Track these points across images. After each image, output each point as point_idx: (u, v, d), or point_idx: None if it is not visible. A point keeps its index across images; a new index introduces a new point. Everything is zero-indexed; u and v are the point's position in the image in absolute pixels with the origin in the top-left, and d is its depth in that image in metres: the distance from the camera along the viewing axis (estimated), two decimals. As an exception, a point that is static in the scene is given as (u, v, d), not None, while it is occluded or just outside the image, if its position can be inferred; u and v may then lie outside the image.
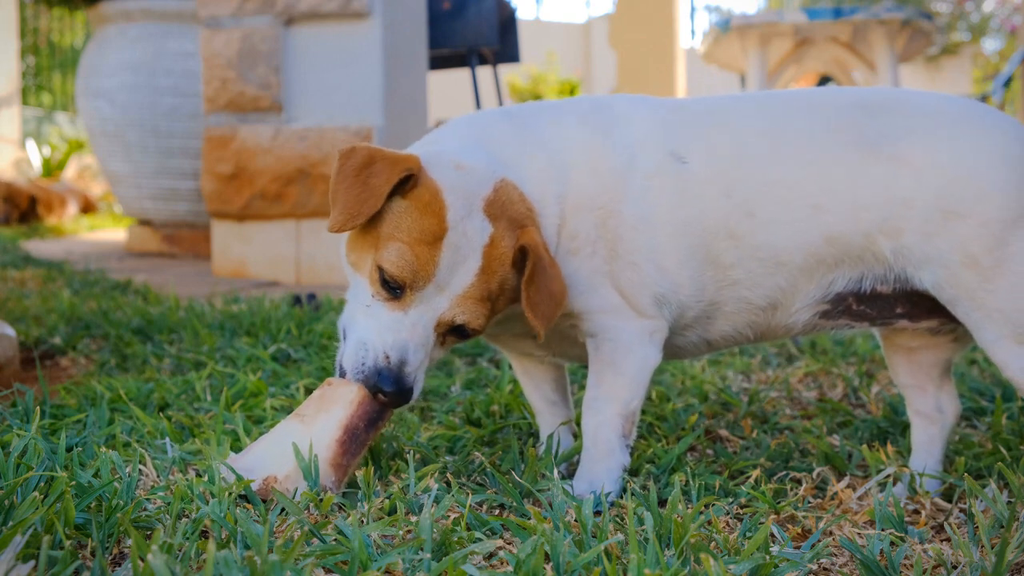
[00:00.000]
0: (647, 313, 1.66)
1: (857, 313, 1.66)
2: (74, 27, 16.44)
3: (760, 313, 1.69)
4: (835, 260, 1.61)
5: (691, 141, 1.66)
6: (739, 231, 1.62)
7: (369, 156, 1.54)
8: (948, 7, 15.53)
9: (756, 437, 2.02)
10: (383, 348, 1.52)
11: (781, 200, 1.61)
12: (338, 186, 1.53)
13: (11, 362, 2.56)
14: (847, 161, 1.58)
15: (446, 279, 1.52)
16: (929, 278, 1.56)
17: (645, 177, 1.64)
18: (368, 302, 1.55)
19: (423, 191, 1.53)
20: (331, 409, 1.54)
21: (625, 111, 1.71)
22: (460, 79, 8.87)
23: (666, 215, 1.63)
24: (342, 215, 1.50)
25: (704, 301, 1.68)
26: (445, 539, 1.29)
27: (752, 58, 7.34)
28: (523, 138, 1.67)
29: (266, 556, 1.10)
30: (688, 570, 1.23)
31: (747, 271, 1.64)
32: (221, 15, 4.94)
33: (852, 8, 7.09)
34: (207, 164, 5.01)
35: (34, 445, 1.61)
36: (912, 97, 1.65)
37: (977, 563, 1.28)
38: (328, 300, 3.59)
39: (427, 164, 1.56)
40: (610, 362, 1.67)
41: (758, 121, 1.67)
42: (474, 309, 1.54)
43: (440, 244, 1.51)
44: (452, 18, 5.96)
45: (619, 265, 1.64)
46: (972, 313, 1.54)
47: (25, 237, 7.87)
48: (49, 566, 1.17)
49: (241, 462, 1.55)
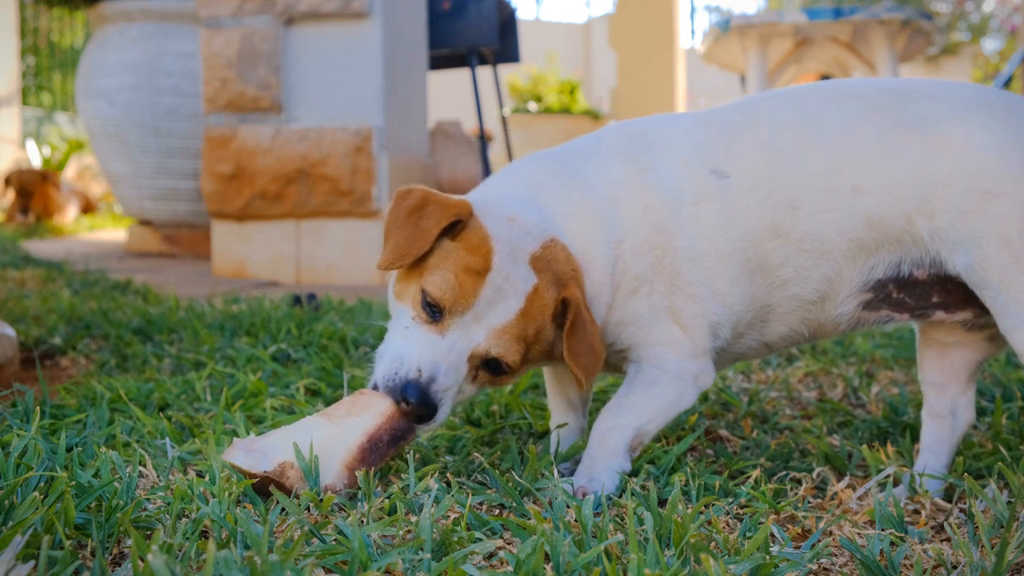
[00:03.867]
0: (702, 348, 1.70)
1: (897, 302, 1.68)
2: (74, 27, 16.44)
3: (811, 308, 1.71)
4: (876, 244, 1.64)
5: (728, 152, 1.69)
6: (784, 227, 1.65)
7: (423, 199, 1.59)
8: (948, 7, 15.52)
9: (756, 437, 2.02)
10: (417, 363, 1.55)
11: (822, 188, 1.64)
12: (391, 225, 1.59)
13: (11, 362, 2.56)
14: (885, 143, 1.61)
15: (484, 311, 1.56)
16: (962, 260, 1.58)
17: (693, 204, 1.68)
18: (407, 324, 1.59)
19: (472, 235, 1.58)
20: (360, 415, 1.56)
21: (660, 137, 1.74)
22: (460, 79, 8.87)
23: (717, 237, 1.67)
24: (392, 254, 1.56)
25: (757, 306, 1.71)
26: (445, 539, 1.29)
27: (752, 58, 7.33)
28: (571, 189, 1.71)
29: (266, 556, 1.10)
30: (688, 570, 1.23)
31: (795, 267, 1.67)
32: (221, 15, 4.94)
33: (852, 8, 7.08)
34: (207, 164, 5.01)
35: (34, 445, 1.61)
36: (944, 85, 1.69)
37: (977, 563, 1.28)
38: (328, 300, 3.59)
39: (480, 212, 1.61)
40: (649, 383, 1.70)
41: (789, 115, 1.70)
42: (509, 345, 1.58)
43: (484, 278, 1.55)
44: (452, 18, 5.96)
45: (679, 299, 1.69)
46: (1000, 296, 1.56)
47: (25, 237, 7.88)
48: (49, 566, 1.17)
49: (258, 444, 1.55)
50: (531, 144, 9.89)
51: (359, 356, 2.73)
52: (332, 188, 4.84)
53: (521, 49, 6.77)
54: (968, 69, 15.76)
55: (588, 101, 12.77)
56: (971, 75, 15.84)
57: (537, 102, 10.69)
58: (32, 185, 9.14)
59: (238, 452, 1.54)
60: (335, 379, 2.40)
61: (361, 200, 4.83)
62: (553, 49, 12.30)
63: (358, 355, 2.74)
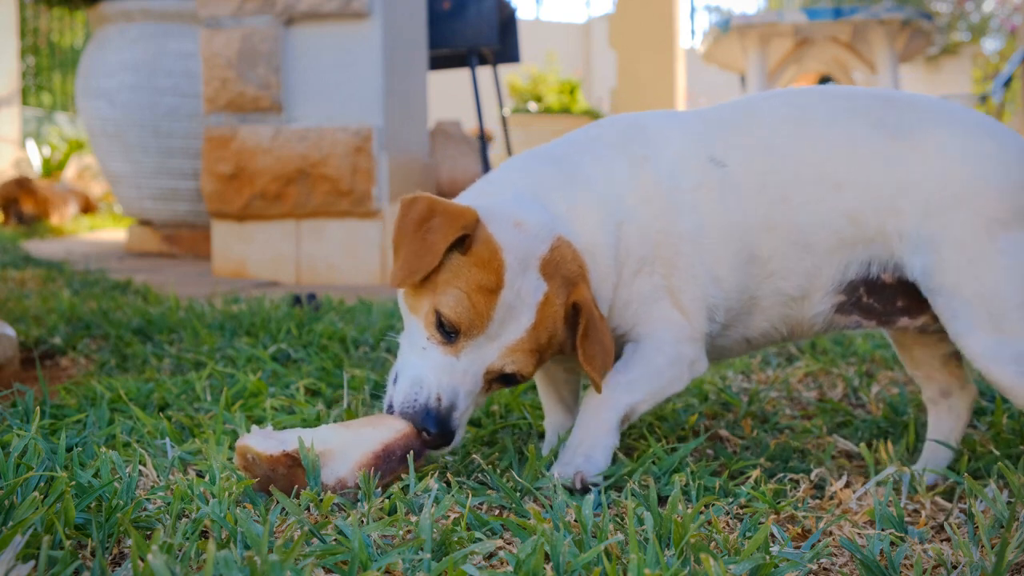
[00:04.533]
0: (699, 332, 1.74)
1: (866, 307, 1.74)
2: (74, 27, 16.44)
3: (792, 304, 1.76)
4: (852, 240, 1.69)
5: (726, 142, 1.74)
6: (775, 219, 1.70)
7: (429, 209, 1.58)
8: (948, 7, 15.52)
9: (756, 437, 2.02)
10: (437, 389, 1.57)
11: (810, 181, 1.69)
12: (399, 238, 1.59)
13: (11, 362, 2.56)
14: (867, 141, 1.68)
15: (497, 331, 1.58)
16: (920, 263, 1.64)
17: (692, 191, 1.71)
18: (423, 344, 1.60)
19: (483, 249, 1.57)
20: (378, 427, 1.58)
21: (658, 129, 1.77)
22: (460, 79, 8.87)
23: (716, 223, 1.71)
24: (402, 271, 1.56)
25: (745, 296, 1.75)
26: (445, 539, 1.29)
27: (752, 58, 7.33)
28: (573, 184, 1.72)
29: (266, 556, 1.10)
30: (688, 570, 1.23)
31: (782, 259, 1.72)
32: (221, 15, 4.94)
33: (852, 8, 7.08)
34: (207, 164, 5.01)
35: (34, 445, 1.61)
36: (929, 98, 1.76)
37: (977, 563, 1.28)
38: (328, 300, 3.59)
39: (486, 219, 1.60)
40: (646, 362, 1.72)
41: (785, 110, 1.75)
42: (523, 360, 1.60)
43: (496, 296, 1.56)
44: (452, 18, 5.96)
45: (680, 280, 1.72)
46: (952, 301, 1.61)
47: (25, 237, 7.87)
48: (49, 566, 1.17)
49: (274, 433, 1.57)
50: (531, 144, 9.89)
51: (359, 356, 2.73)
52: (332, 188, 4.84)
53: (521, 49, 6.77)
54: (968, 69, 15.76)
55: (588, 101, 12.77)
56: (971, 75, 15.84)
57: (537, 102, 10.69)
58: (12, 193, 9.08)
59: (255, 437, 1.55)
60: (335, 379, 2.40)
61: (361, 200, 4.83)
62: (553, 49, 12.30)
63: (358, 355, 2.74)
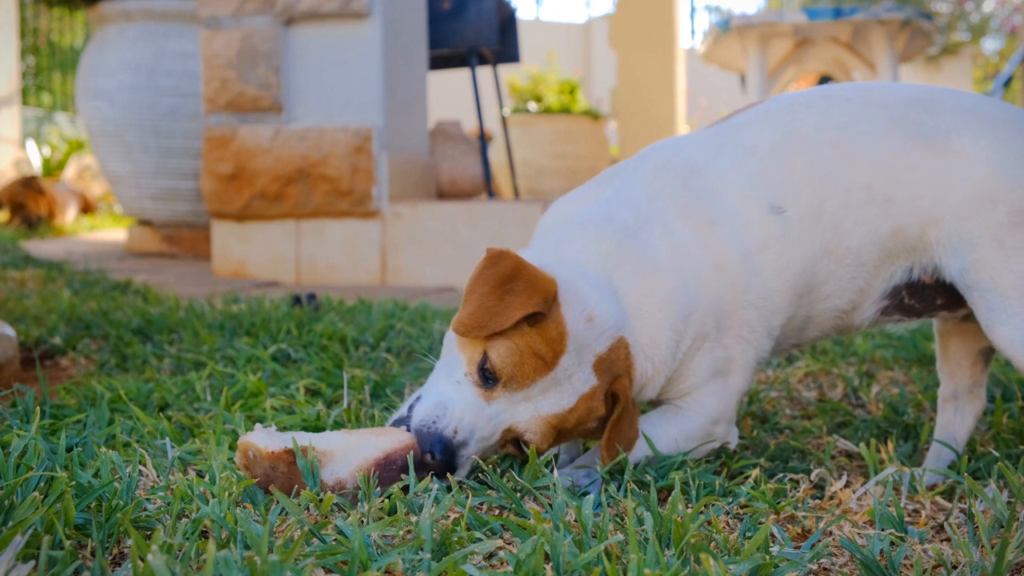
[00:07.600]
0: (742, 391, 1.77)
1: (907, 307, 1.78)
2: (74, 27, 16.44)
3: (843, 316, 1.79)
4: (897, 252, 1.72)
5: (779, 182, 1.72)
6: (831, 245, 1.71)
7: (514, 270, 1.57)
8: (948, 7, 15.52)
9: (756, 437, 2.02)
10: (457, 422, 1.57)
11: (859, 203, 1.70)
12: (476, 287, 1.57)
13: (11, 362, 2.56)
14: (907, 156, 1.69)
15: (535, 395, 1.58)
16: (957, 265, 1.66)
17: (760, 252, 1.71)
18: (460, 378, 1.60)
19: (551, 329, 1.57)
20: (382, 436, 1.59)
21: (715, 176, 1.74)
22: (460, 79, 8.86)
23: (780, 276, 1.71)
24: (471, 320, 1.54)
25: (796, 322, 1.77)
26: (445, 539, 1.29)
27: (752, 58, 7.33)
28: (642, 267, 1.68)
29: (266, 556, 1.10)
30: (688, 570, 1.23)
31: (837, 281, 1.74)
32: (221, 15, 4.94)
33: (852, 8, 7.08)
34: (207, 164, 5.01)
35: (34, 445, 1.61)
36: (964, 97, 1.77)
37: (977, 563, 1.28)
38: (328, 300, 3.59)
39: (563, 299, 1.59)
40: (686, 431, 1.75)
41: (826, 131, 1.73)
42: (546, 433, 1.60)
43: (548, 370, 1.56)
44: (452, 18, 5.96)
45: (740, 348, 1.74)
46: (988, 295, 1.64)
47: (25, 237, 7.87)
48: (49, 566, 1.17)
49: (277, 433, 1.57)
50: (531, 144, 9.87)
51: (359, 356, 2.73)
52: (332, 188, 4.84)
53: (521, 49, 6.77)
54: (968, 69, 15.76)
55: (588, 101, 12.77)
56: (971, 75, 15.84)
57: (537, 102, 10.68)
58: (18, 196, 9.06)
59: (257, 435, 1.56)
60: (335, 379, 2.40)
61: (361, 200, 4.83)
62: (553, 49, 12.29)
63: (358, 355, 2.74)
